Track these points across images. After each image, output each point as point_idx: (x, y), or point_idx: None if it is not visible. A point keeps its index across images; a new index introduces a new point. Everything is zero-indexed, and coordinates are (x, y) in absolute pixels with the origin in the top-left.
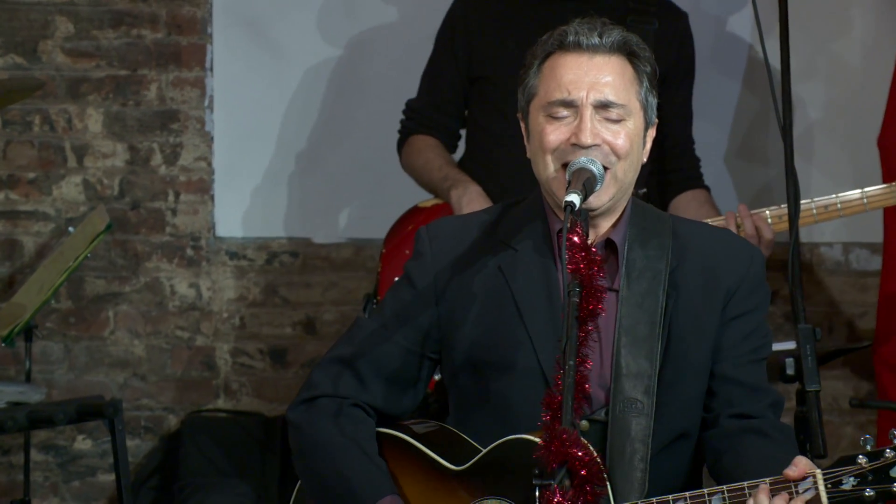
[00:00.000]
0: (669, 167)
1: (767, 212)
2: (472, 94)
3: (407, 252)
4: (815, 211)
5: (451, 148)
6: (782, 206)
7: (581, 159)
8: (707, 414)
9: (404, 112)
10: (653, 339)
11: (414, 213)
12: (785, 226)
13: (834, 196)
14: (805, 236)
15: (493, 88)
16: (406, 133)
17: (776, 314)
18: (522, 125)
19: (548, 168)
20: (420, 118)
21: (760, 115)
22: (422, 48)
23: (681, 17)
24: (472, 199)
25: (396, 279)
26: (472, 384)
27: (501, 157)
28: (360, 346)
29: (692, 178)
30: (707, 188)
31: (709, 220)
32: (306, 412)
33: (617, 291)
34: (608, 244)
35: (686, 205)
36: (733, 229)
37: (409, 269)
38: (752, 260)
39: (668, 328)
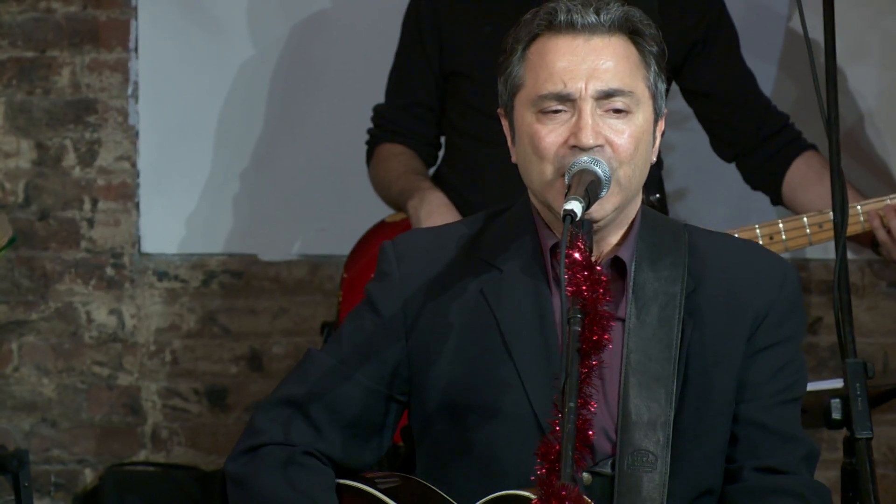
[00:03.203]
0: (759, 140)
1: (805, 219)
2: (447, 93)
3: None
4: (862, 219)
5: (430, 158)
6: (824, 211)
7: (583, 159)
8: (728, 464)
9: (372, 119)
10: (667, 378)
11: (379, 230)
12: (828, 235)
13: (888, 198)
14: (854, 251)
15: (470, 84)
16: (373, 143)
17: (820, 346)
18: (505, 123)
19: (543, 175)
20: (388, 125)
21: (800, 105)
22: (395, 25)
23: None
24: (432, 210)
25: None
26: (450, 433)
27: (483, 162)
28: (313, 386)
29: (794, 141)
30: (814, 146)
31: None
32: (249, 464)
33: (623, 321)
34: (615, 262)
35: (802, 177)
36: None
37: (371, 292)
38: (786, 279)
39: (686, 365)
